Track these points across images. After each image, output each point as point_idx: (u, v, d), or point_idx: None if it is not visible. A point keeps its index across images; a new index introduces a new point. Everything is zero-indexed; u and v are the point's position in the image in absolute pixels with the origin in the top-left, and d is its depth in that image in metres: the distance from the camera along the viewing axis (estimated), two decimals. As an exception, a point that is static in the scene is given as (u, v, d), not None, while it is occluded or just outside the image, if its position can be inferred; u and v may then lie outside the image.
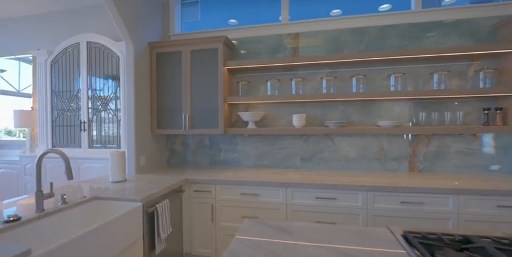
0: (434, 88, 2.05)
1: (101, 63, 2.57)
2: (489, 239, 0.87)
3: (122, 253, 1.34)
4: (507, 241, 0.85)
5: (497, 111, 1.96)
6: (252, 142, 2.50)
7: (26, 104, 3.34)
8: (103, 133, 2.62)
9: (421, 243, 0.85)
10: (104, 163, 2.48)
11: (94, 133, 2.61)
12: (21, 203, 1.42)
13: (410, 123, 2.19)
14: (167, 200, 1.74)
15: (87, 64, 2.58)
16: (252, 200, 1.96)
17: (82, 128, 2.58)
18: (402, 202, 1.73)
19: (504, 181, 1.81)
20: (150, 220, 1.60)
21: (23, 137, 3.61)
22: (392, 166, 2.23)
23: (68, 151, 2.57)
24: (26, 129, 2.97)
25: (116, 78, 2.56)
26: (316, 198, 1.85)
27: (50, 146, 2.67)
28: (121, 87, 2.51)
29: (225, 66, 2.29)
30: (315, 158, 2.37)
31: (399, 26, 2.21)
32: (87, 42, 2.57)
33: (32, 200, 1.44)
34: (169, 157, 2.70)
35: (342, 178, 1.96)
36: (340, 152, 2.32)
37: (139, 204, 1.50)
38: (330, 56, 2.11)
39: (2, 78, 3.76)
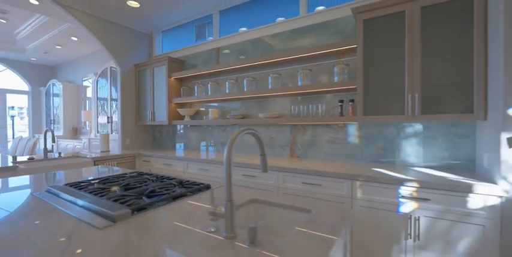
0: (299, 85, 2.36)
1: (116, 80, 4.02)
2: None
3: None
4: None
5: (350, 103, 2.12)
6: (195, 131, 3.37)
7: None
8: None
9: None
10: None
11: (115, 124, 4.11)
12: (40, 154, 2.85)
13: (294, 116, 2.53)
14: (115, 162, 2.88)
15: (109, 81, 4.09)
16: (168, 168, 2.86)
17: (107, 121, 4.12)
18: (243, 175, 2.25)
19: (348, 166, 2.02)
20: (101, 171, 2.78)
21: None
22: (279, 152, 2.63)
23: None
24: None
25: (124, 88, 3.95)
26: (199, 169, 2.58)
27: (95, 133, 4.35)
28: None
29: (171, 77, 3.26)
30: (229, 144, 3.01)
31: (285, 32, 2.59)
32: (110, 66, 4.08)
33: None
34: (153, 141, 3.90)
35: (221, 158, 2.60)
36: (244, 140, 2.89)
37: (90, 160, 2.68)
38: (229, 64, 2.74)
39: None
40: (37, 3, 2.95)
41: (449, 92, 1.65)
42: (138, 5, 3.07)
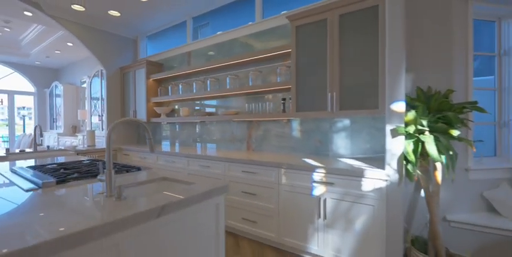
0: (250, 85, 2.62)
1: (104, 81, 4.40)
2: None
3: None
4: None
5: (290, 101, 2.35)
6: (171, 127, 3.69)
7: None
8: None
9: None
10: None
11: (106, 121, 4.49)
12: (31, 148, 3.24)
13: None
14: (96, 155, 3.24)
15: (100, 82, 4.48)
16: (144, 160, 3.19)
17: (99, 119, 4.51)
18: (200, 165, 2.53)
19: (288, 158, 2.27)
20: (84, 163, 3.14)
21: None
22: (238, 146, 2.90)
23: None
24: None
25: (112, 89, 4.33)
26: (165, 161, 2.88)
27: (89, 129, 4.75)
28: (111, 94, 4.25)
29: (149, 78, 3.59)
30: (200, 139, 3.31)
31: (242, 37, 2.85)
32: (101, 69, 4.46)
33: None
34: (138, 137, 4.26)
35: (185, 150, 2.89)
36: (211, 135, 3.17)
37: (74, 152, 3.04)
38: (194, 66, 3.03)
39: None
40: (31, 14, 3.34)
41: (361, 90, 1.87)
42: (119, 14, 3.41)
